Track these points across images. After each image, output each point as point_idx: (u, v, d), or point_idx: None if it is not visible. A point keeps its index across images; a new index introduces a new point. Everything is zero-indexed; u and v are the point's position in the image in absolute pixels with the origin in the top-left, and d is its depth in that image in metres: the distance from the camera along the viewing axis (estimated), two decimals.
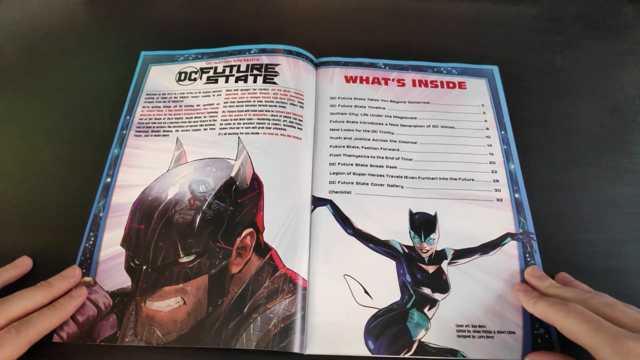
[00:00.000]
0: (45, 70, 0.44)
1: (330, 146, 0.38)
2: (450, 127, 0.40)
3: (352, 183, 0.36)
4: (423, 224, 0.35)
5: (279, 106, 0.39)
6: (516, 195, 0.36)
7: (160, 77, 0.43)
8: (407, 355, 0.29)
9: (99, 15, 0.49)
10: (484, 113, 0.41)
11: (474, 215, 0.35)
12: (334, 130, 0.39)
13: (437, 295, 0.32)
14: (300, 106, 0.40)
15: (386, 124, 0.40)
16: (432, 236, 0.34)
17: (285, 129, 0.38)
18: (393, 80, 0.43)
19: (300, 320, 0.30)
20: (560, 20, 0.48)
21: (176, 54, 0.45)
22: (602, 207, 0.36)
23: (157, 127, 0.39)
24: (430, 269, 0.33)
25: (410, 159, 0.38)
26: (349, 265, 0.33)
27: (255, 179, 0.35)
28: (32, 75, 0.43)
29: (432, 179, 0.37)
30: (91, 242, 0.34)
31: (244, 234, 0.33)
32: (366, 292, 0.32)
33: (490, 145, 0.39)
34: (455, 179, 0.37)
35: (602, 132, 0.40)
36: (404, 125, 0.40)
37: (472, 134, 0.39)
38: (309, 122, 0.39)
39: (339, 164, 0.37)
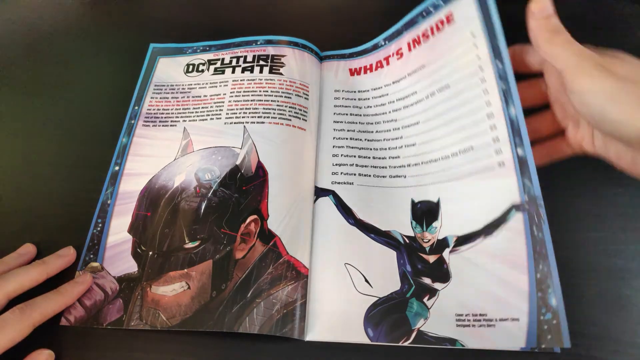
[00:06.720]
0: (54, 65, 0.45)
1: (334, 138, 0.39)
2: (446, 87, 0.37)
3: (355, 174, 0.37)
4: (425, 213, 0.35)
5: (285, 96, 0.40)
6: (519, 152, 0.33)
7: (169, 68, 0.43)
8: (405, 344, 0.30)
9: (107, 10, 0.49)
10: (476, 45, 0.36)
11: (477, 193, 0.33)
12: (338, 122, 0.40)
13: (437, 285, 0.32)
14: (305, 98, 0.40)
15: (389, 112, 0.40)
16: (434, 224, 0.34)
17: (290, 119, 0.38)
18: (393, 55, 0.42)
19: (302, 307, 0.31)
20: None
21: (184, 46, 0.45)
22: (603, 207, 0.36)
23: (165, 117, 0.40)
24: (431, 258, 0.33)
25: (413, 144, 0.38)
26: (350, 254, 0.33)
27: (260, 167, 0.36)
28: (43, 69, 0.44)
29: (435, 160, 0.36)
30: (99, 229, 0.34)
31: (248, 220, 0.34)
32: (366, 280, 0.32)
33: (487, 92, 0.35)
34: (457, 154, 0.35)
35: None
36: (406, 107, 0.39)
37: (466, 81, 0.36)
38: (313, 114, 0.40)
39: (341, 155, 0.38)
